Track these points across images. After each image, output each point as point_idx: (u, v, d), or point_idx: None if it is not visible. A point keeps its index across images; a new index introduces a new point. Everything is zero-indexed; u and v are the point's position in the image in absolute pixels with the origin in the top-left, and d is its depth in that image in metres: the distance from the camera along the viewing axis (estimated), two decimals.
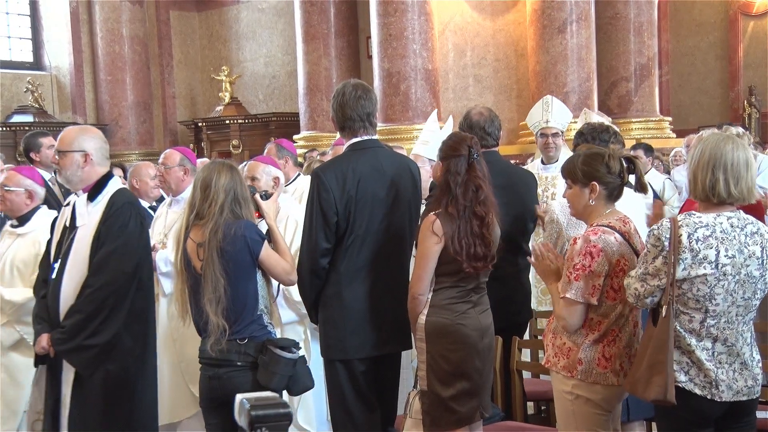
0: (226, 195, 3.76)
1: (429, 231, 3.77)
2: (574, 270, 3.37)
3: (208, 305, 3.66)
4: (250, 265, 3.76)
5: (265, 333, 3.78)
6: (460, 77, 13.00)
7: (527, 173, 5.00)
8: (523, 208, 4.66)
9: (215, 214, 3.72)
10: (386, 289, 4.06)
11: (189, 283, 3.81)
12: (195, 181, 3.86)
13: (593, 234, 3.39)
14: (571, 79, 11.94)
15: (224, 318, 3.68)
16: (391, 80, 11.94)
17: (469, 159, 3.80)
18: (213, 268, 3.66)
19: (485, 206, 3.78)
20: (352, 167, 3.99)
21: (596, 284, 3.36)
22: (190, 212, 3.83)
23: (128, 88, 16.12)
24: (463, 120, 4.76)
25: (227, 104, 16.32)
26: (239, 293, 3.72)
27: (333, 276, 4.01)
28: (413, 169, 4.23)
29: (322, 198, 3.94)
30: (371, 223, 4.00)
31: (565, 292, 3.39)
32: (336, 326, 4.04)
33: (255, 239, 3.77)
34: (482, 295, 3.92)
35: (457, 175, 3.80)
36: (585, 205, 3.52)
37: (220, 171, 3.81)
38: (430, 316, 3.80)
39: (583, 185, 3.51)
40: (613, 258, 3.37)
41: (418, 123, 11.79)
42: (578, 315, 3.40)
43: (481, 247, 3.76)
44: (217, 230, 3.69)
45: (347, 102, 4.05)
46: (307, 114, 13.79)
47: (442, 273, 3.81)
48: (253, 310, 3.77)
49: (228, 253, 3.68)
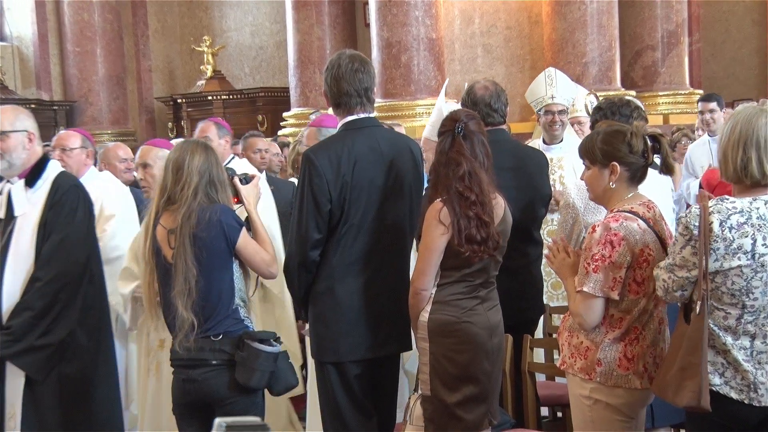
0: (201, 177, 3.77)
1: (435, 220, 3.77)
2: (593, 261, 3.37)
3: (178, 298, 3.68)
4: (225, 254, 3.78)
5: (242, 327, 3.80)
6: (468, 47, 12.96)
7: (538, 153, 4.98)
8: (534, 192, 4.66)
9: (188, 198, 3.73)
10: (384, 284, 4.06)
11: (158, 274, 3.83)
12: (166, 162, 3.87)
13: (614, 221, 3.39)
14: (590, 49, 11.91)
15: (194, 312, 3.69)
16: (391, 51, 11.90)
17: (455, 134, 3.82)
18: (185, 256, 3.68)
19: (470, 182, 3.77)
20: (347, 149, 3.98)
21: (617, 277, 3.36)
22: (160, 196, 3.83)
23: (99, 60, 16.07)
24: (466, 95, 4.76)
25: (209, 78, 16.28)
26: (213, 285, 3.74)
27: (325, 269, 4.02)
28: (415, 151, 4.23)
29: (314, 183, 3.93)
30: (368, 211, 4.01)
31: (582, 285, 3.39)
32: (327, 325, 4.04)
33: (232, 225, 3.78)
34: (491, 290, 3.93)
35: (442, 155, 3.85)
36: (605, 188, 3.52)
37: (193, 151, 3.82)
38: (433, 313, 3.81)
39: (602, 166, 3.51)
40: (636, 247, 3.36)
41: (420, 98, 11.76)
42: (597, 311, 3.40)
43: (477, 229, 3.76)
44: (191, 215, 3.71)
45: (342, 75, 4.04)
46: (298, 89, 13.77)
47: (447, 266, 3.82)
48: (228, 303, 3.78)
49: (202, 240, 3.69)
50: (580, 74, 11.53)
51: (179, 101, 16.47)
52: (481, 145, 3.86)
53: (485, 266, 3.85)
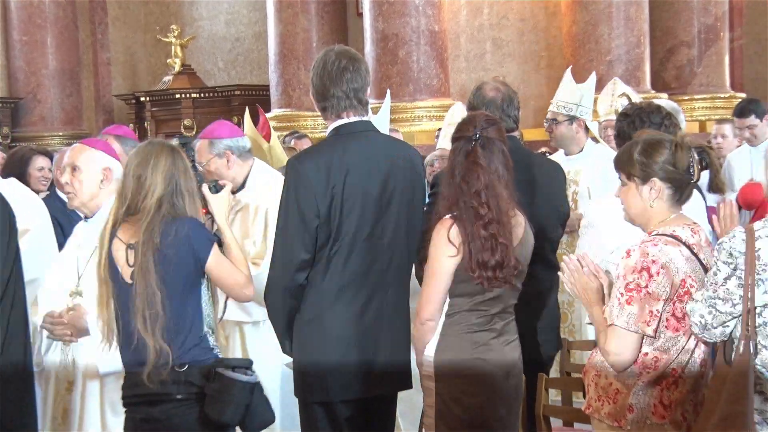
0: (166, 185, 3.78)
1: (443, 239, 3.78)
2: (626, 291, 3.37)
3: (141, 324, 3.67)
4: (194, 274, 3.79)
5: (211, 356, 3.80)
6: (475, 41, 13.01)
7: (554, 165, 5.01)
8: (550, 209, 4.66)
9: (151, 209, 3.74)
10: (380, 312, 4.07)
11: (116, 296, 3.82)
12: (126, 167, 3.88)
13: (652, 245, 3.39)
14: (616, 45, 11.95)
15: (164, 338, 3.68)
16: (387, 45, 11.94)
17: (472, 141, 3.83)
18: (148, 276, 3.68)
19: (486, 198, 3.78)
20: (337, 156, 4.00)
21: (654, 310, 3.36)
22: (119, 206, 3.84)
23: (49, 51, 16.07)
24: (474, 97, 4.77)
25: (178, 74, 16.28)
26: (179, 309, 3.74)
27: (312, 295, 4.02)
28: (415, 160, 4.26)
29: (300, 195, 3.94)
30: (361, 228, 4.01)
31: (614, 318, 3.39)
32: (315, 359, 4.04)
33: (202, 241, 3.79)
34: (508, 322, 3.93)
35: (456, 164, 3.86)
36: (643, 207, 3.53)
37: (158, 154, 3.83)
38: (441, 348, 3.81)
39: (641, 182, 3.52)
40: (677, 277, 3.37)
41: (420, 100, 11.80)
42: (630, 349, 3.40)
43: (492, 252, 3.76)
44: (154, 228, 3.71)
45: (329, 74, 4.07)
46: (280, 87, 13.79)
47: (457, 293, 3.82)
48: (196, 330, 3.79)
49: (167, 258, 3.70)
50: (604, 74, 11.53)
51: (142, 99, 16.47)
52: (501, 155, 3.87)
53: (501, 294, 3.85)
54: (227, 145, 5.18)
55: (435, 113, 11.81)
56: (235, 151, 5.19)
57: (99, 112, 17.43)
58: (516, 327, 3.98)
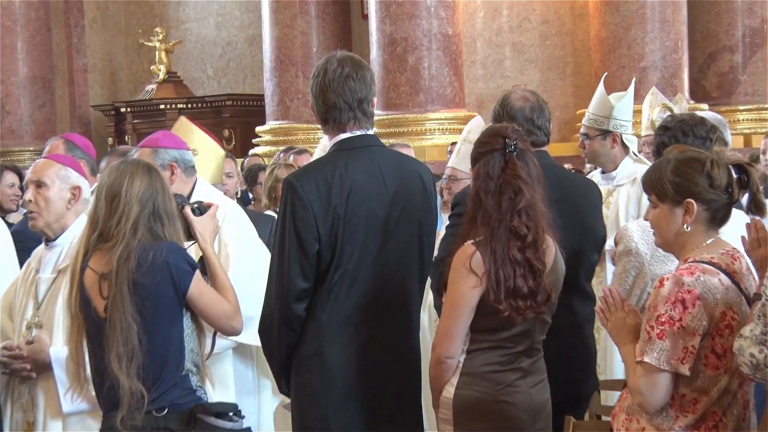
0: (142, 208, 3.80)
1: (465, 268, 3.79)
2: (658, 324, 3.37)
3: (116, 363, 3.68)
4: (174, 305, 3.80)
5: (193, 399, 3.81)
6: (493, 46, 13.06)
7: (589, 183, 5.01)
8: (585, 232, 4.66)
9: (126, 235, 3.76)
10: (387, 348, 4.08)
11: (88, 332, 3.83)
12: (98, 189, 3.90)
13: (688, 274, 3.40)
14: (651, 50, 11.99)
15: (142, 380, 3.69)
16: (395, 50, 11.98)
17: (506, 154, 3.84)
18: (122, 309, 3.69)
19: (528, 218, 3.80)
20: (339, 174, 4.01)
21: (690, 346, 3.36)
22: (91, 231, 3.86)
23: (20, 57, 16.15)
24: (500, 107, 4.76)
25: (162, 82, 16.37)
26: (157, 345, 3.75)
27: (312, 327, 4.03)
28: (425, 178, 4.27)
29: (297, 217, 3.95)
30: (366, 253, 4.03)
31: (644, 354, 3.39)
32: (315, 398, 4.05)
33: (182, 268, 3.80)
34: (536, 360, 3.94)
35: (488, 180, 3.85)
36: (677, 232, 3.54)
37: (133, 174, 3.85)
38: (462, 389, 3.82)
39: (673, 204, 3.53)
40: (716, 309, 3.37)
41: (432, 111, 11.83)
42: (662, 389, 3.40)
43: (524, 279, 3.78)
44: (129, 256, 3.72)
45: (329, 84, 4.09)
46: (276, 97, 13.84)
47: (480, 328, 3.83)
48: (175, 368, 3.81)
49: (143, 288, 3.71)
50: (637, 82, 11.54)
51: (123, 110, 16.54)
52: (536, 169, 3.89)
53: (530, 328, 3.86)
54: (173, 157, 4.96)
55: (448, 126, 11.83)
56: (181, 165, 4.98)
57: (74, 124, 17.48)
58: (544, 366, 3.99)
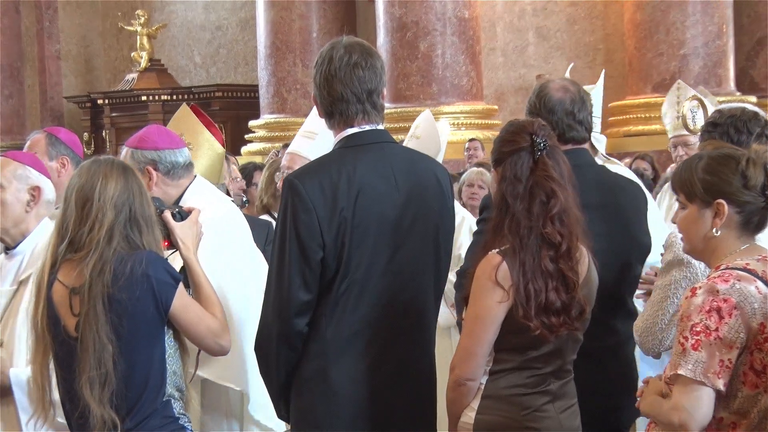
0: (118, 213, 3.80)
1: (490, 281, 3.79)
2: (693, 334, 3.38)
3: (87, 389, 3.68)
4: (155, 322, 3.81)
5: (176, 428, 3.84)
6: (515, 31, 13.09)
7: (633, 186, 4.94)
8: (629, 241, 4.62)
9: (100, 244, 3.76)
10: (398, 367, 4.10)
11: (56, 354, 3.83)
12: (68, 191, 3.89)
13: (722, 281, 3.41)
14: (692, 35, 11.99)
15: (114, 407, 3.69)
16: (405, 36, 12.02)
17: (534, 153, 3.86)
18: (96, 328, 3.69)
19: (562, 224, 3.82)
20: (346, 173, 4.03)
21: (726, 359, 3.37)
22: (59, 240, 3.86)
23: None
24: (537, 99, 4.69)
25: (144, 71, 16.42)
26: (135, 367, 3.76)
27: (315, 345, 4.04)
28: (442, 178, 4.28)
29: (299, 221, 3.96)
30: (376, 261, 4.04)
31: (678, 367, 3.40)
32: (318, 424, 4.06)
33: (164, 280, 3.81)
34: (566, 383, 3.96)
35: (516, 182, 3.85)
36: (705, 235, 3.56)
37: (107, 175, 3.85)
38: (483, 413, 3.83)
39: (703, 204, 3.55)
40: (754, 321, 3.38)
41: (446, 103, 11.85)
42: (704, 404, 3.39)
43: (557, 292, 3.79)
44: (104, 267, 3.72)
45: (337, 72, 4.09)
46: (272, 88, 13.87)
47: (505, 347, 3.85)
48: (155, 394, 3.82)
49: (120, 304, 3.72)
50: (676, 71, 11.61)
51: (100, 102, 16.59)
52: (566, 169, 3.90)
53: (561, 347, 3.87)
54: (150, 159, 4.86)
55: (465, 120, 11.87)
56: (160, 167, 4.86)
57: (45, 117, 17.52)
58: (575, 389, 3.99)
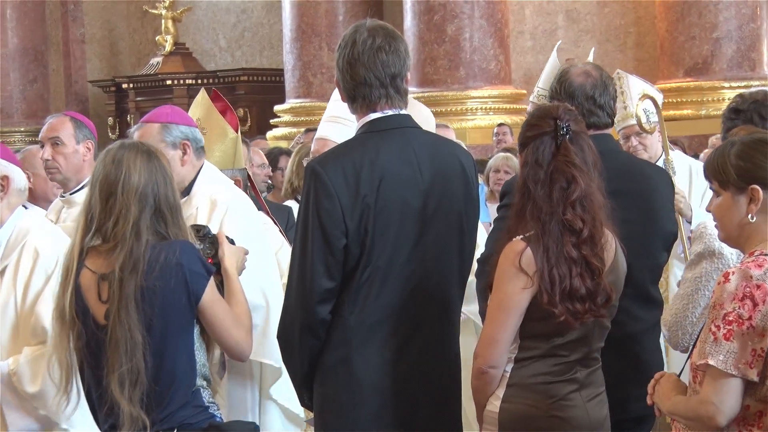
0: (142, 207, 3.77)
1: (513, 267, 3.80)
2: (725, 324, 3.38)
3: (116, 384, 3.67)
4: (186, 313, 3.80)
5: (206, 417, 3.83)
6: (544, 14, 13.05)
7: (659, 171, 4.95)
8: (654, 228, 4.62)
9: (128, 239, 3.73)
10: (422, 355, 4.10)
11: (83, 344, 3.80)
12: (92, 179, 3.87)
13: (755, 267, 3.40)
14: (725, 18, 11.92)
15: (143, 405, 3.68)
16: (433, 19, 11.99)
17: (557, 138, 3.86)
18: (128, 325, 3.67)
19: (583, 210, 3.82)
20: (369, 159, 4.03)
21: (759, 348, 3.36)
22: (86, 230, 3.83)
23: (9, 26, 16.25)
24: (558, 84, 4.72)
25: (169, 54, 16.43)
26: (166, 359, 3.75)
27: (338, 333, 4.05)
28: (466, 164, 4.28)
29: (322, 208, 3.97)
30: (399, 249, 4.05)
31: (707, 356, 3.40)
32: (341, 412, 4.07)
33: (197, 271, 3.80)
34: (594, 371, 3.96)
35: (537, 168, 3.86)
36: (740, 222, 3.55)
37: (130, 165, 3.81)
38: (508, 402, 3.84)
39: (737, 190, 3.54)
40: None
41: (474, 87, 11.84)
42: (734, 396, 3.39)
43: (582, 279, 3.79)
44: (136, 265, 3.69)
45: (360, 56, 4.09)
46: (297, 72, 13.86)
47: (530, 334, 3.85)
48: (187, 384, 3.82)
49: (152, 293, 3.70)
50: (709, 55, 11.56)
51: (124, 86, 16.61)
52: (592, 155, 3.90)
53: (587, 334, 3.87)
54: (186, 135, 4.97)
55: (492, 105, 11.84)
56: (193, 144, 4.99)
57: (70, 101, 17.56)
58: (603, 378, 3.99)
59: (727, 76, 11.58)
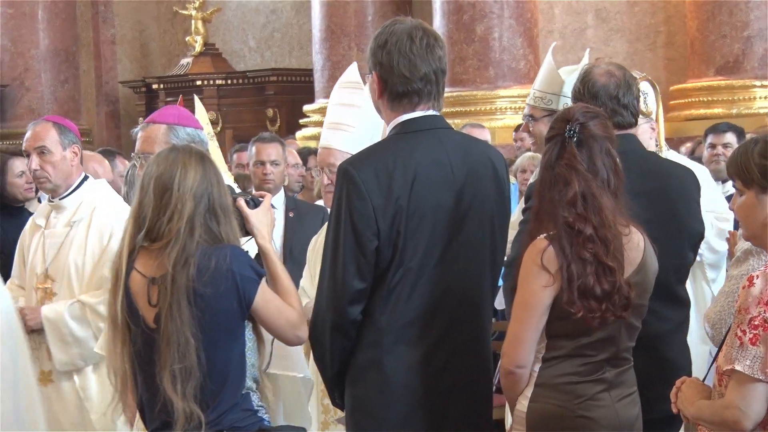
0: (197, 204, 3.79)
1: (536, 265, 3.81)
2: (751, 328, 3.38)
3: (169, 383, 3.68)
4: (236, 318, 3.82)
5: (255, 421, 3.84)
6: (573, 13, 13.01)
7: (685, 171, 4.93)
8: (679, 227, 4.64)
9: (181, 235, 3.74)
10: (455, 355, 4.10)
11: (136, 345, 3.83)
12: (144, 180, 3.88)
13: None
14: (756, 16, 11.83)
15: (199, 402, 3.70)
16: (462, 18, 11.97)
17: (566, 139, 3.88)
18: (180, 322, 3.69)
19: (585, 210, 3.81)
20: (401, 160, 4.02)
21: None
22: (136, 229, 3.84)
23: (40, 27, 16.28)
24: (581, 84, 4.74)
25: (198, 55, 16.45)
26: (216, 362, 3.77)
27: (369, 333, 4.05)
28: (498, 165, 4.27)
29: (354, 209, 3.97)
30: (432, 250, 4.04)
31: (733, 361, 3.39)
32: (372, 413, 4.07)
33: (248, 276, 3.81)
34: (624, 371, 3.96)
35: (547, 170, 3.91)
36: (764, 222, 3.55)
37: (186, 164, 3.83)
38: (536, 401, 3.84)
39: (761, 189, 3.54)
40: None
41: (503, 87, 11.81)
42: (760, 401, 3.39)
43: (596, 278, 3.78)
44: (188, 260, 3.71)
45: (411, 49, 4.07)
46: (326, 72, 13.84)
47: (556, 333, 3.85)
48: (236, 387, 3.83)
49: (204, 299, 3.71)
50: (740, 54, 11.49)
51: (155, 87, 16.64)
52: (607, 157, 3.90)
53: (614, 334, 3.87)
54: (191, 137, 4.96)
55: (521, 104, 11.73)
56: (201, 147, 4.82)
57: (101, 102, 17.62)
58: (634, 377, 3.99)
59: (758, 75, 11.50)
